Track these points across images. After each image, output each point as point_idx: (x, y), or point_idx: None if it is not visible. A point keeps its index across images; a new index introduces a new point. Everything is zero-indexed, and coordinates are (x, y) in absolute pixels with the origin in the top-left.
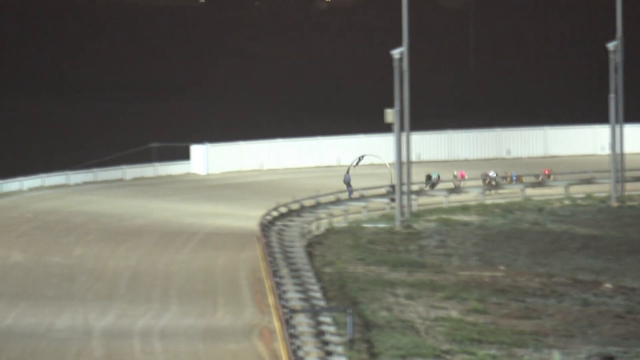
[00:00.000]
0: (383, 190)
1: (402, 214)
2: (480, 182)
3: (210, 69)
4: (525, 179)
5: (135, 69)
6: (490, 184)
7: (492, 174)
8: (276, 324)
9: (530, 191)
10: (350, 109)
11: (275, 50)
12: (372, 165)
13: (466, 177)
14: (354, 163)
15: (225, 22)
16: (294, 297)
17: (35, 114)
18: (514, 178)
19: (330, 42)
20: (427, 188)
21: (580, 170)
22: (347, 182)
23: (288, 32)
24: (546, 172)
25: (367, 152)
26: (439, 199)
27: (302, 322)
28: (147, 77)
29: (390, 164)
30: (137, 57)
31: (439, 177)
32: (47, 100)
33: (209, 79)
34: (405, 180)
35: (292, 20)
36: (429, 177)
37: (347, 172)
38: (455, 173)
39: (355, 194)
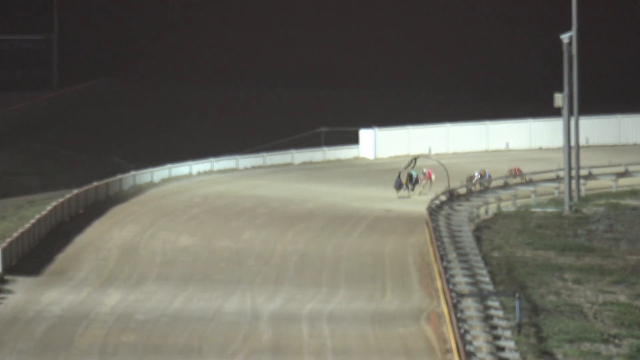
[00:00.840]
0: (552, 175)
1: (571, 198)
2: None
3: (377, 54)
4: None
5: (305, 56)
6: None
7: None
8: (444, 308)
9: None
10: (519, 94)
11: (443, 37)
12: (540, 150)
13: (433, 178)
14: (407, 166)
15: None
16: (461, 281)
17: (207, 101)
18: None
19: (497, 27)
20: (409, 187)
21: None
22: (398, 187)
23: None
24: (515, 171)
25: (536, 136)
26: (607, 183)
27: (470, 306)
28: (316, 64)
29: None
30: (307, 44)
31: (417, 176)
32: (219, 88)
33: (376, 64)
34: (574, 165)
35: (460, 7)
36: (410, 177)
37: (398, 176)
38: (424, 171)
39: (524, 179)
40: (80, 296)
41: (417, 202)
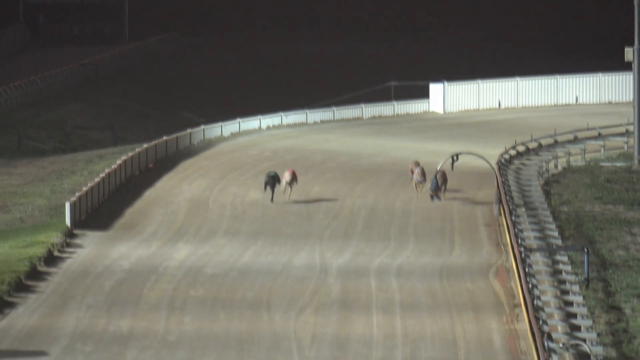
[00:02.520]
0: (622, 129)
1: None
2: None
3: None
4: None
5: (377, 8)
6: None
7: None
8: (512, 263)
9: None
10: (589, 48)
11: None
12: (610, 104)
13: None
14: (448, 162)
15: None
16: (530, 235)
17: (276, 54)
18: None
19: None
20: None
21: None
22: (434, 189)
23: None
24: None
25: (606, 91)
26: None
27: (538, 261)
28: (387, 16)
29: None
30: None
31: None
32: (289, 41)
33: (448, 17)
34: None
35: None
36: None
37: (435, 176)
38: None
39: (591, 133)
40: (149, 250)
41: (488, 157)
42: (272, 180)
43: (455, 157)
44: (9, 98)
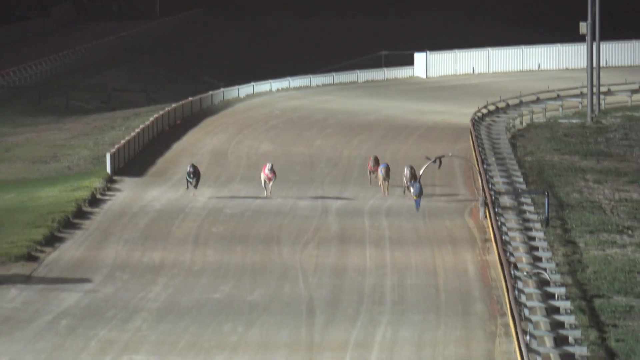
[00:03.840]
0: (577, 91)
1: (592, 111)
2: None
3: None
4: None
5: None
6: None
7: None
8: (484, 204)
9: None
10: (550, 22)
11: None
12: (567, 70)
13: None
14: (434, 160)
15: None
16: (499, 181)
17: (285, 28)
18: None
19: None
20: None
21: None
22: (418, 194)
23: None
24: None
25: (563, 59)
26: (623, 98)
27: (506, 202)
28: None
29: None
30: None
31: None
32: (295, 17)
33: None
34: (595, 83)
35: None
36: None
37: (418, 180)
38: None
39: (550, 95)
40: (177, 194)
41: (463, 115)
42: (195, 174)
43: (439, 160)
44: (58, 65)
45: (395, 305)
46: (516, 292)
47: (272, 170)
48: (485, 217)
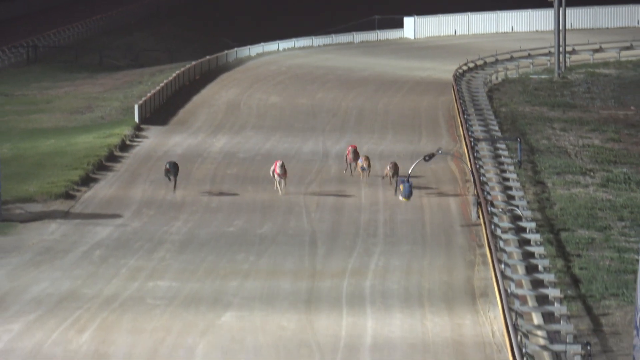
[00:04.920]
0: (546, 51)
1: (559, 68)
2: None
3: None
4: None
5: None
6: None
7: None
8: (464, 149)
9: None
10: None
11: None
12: (537, 32)
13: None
14: (424, 158)
15: None
16: (477, 129)
17: None
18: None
19: None
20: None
21: None
22: (407, 195)
23: None
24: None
25: (534, 22)
26: (586, 57)
27: (484, 148)
28: None
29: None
30: None
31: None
32: None
33: None
34: (562, 43)
35: None
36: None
37: (407, 180)
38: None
39: (523, 54)
40: (196, 140)
41: (446, 71)
42: (174, 168)
43: (427, 157)
44: (93, 27)
45: (387, 238)
46: (492, 226)
47: (282, 167)
48: (478, 217)
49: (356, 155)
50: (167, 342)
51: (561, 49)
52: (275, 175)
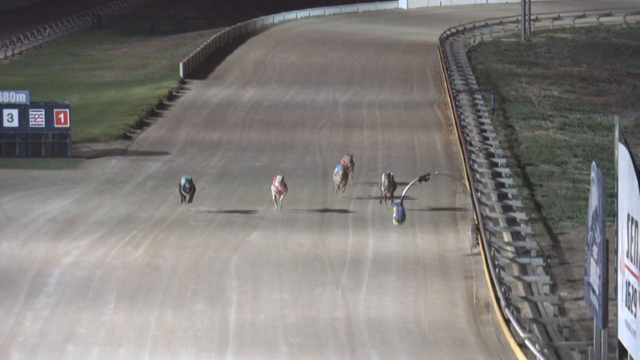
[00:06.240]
0: (514, 18)
1: (525, 33)
2: None
3: None
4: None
5: None
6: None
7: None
8: (448, 99)
9: (602, 19)
10: None
11: None
12: (508, 3)
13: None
14: (419, 180)
15: None
16: (458, 83)
17: None
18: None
19: None
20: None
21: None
22: (400, 219)
23: None
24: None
25: None
26: (547, 23)
27: (463, 98)
28: None
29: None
30: None
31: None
32: None
33: None
34: (527, 13)
35: None
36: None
37: (401, 202)
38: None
39: (495, 21)
40: (230, 91)
41: (433, 36)
42: (190, 191)
43: (425, 178)
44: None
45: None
46: (470, 162)
47: (282, 183)
48: (477, 245)
49: (350, 160)
50: (206, 255)
51: (527, 17)
52: (273, 189)
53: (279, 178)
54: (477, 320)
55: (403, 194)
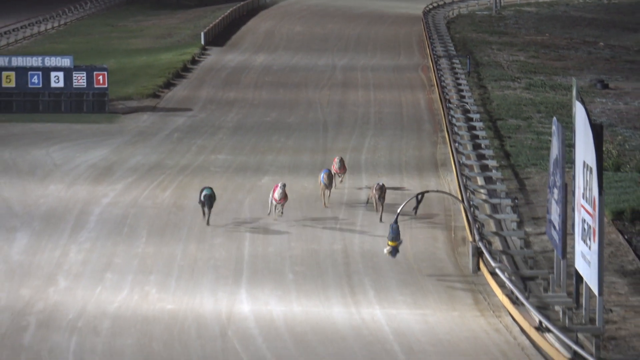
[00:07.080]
0: (486, 3)
1: (496, 6)
2: None
3: None
4: None
5: None
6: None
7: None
8: (430, 63)
9: None
10: None
11: None
12: None
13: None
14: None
15: None
16: (439, 49)
17: None
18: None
19: None
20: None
21: None
22: (394, 239)
23: None
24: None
25: None
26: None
27: (443, 62)
28: None
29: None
30: None
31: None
32: None
33: None
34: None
35: None
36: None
37: (395, 221)
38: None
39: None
40: (244, 57)
41: (418, 9)
42: (209, 200)
43: (420, 197)
44: None
45: (376, 125)
46: (449, 117)
47: (283, 194)
48: (478, 270)
49: (341, 165)
50: (224, 197)
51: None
52: (272, 200)
53: (279, 190)
54: (454, 252)
55: (398, 211)
